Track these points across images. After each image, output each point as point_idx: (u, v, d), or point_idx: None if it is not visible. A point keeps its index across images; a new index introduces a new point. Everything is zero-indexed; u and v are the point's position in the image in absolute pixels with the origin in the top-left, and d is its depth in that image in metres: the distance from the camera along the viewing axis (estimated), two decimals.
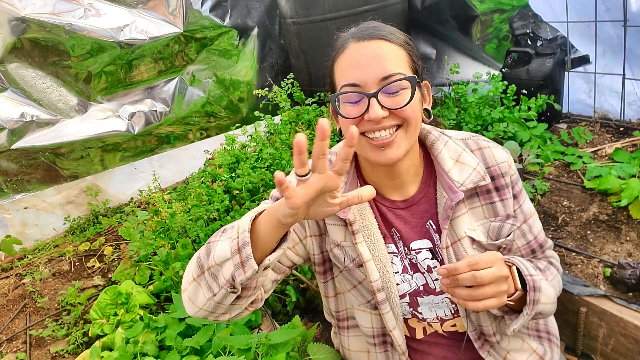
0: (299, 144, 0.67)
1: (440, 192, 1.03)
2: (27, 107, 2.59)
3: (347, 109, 0.94)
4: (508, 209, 1.05)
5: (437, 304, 1.07)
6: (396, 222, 1.07)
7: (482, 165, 1.02)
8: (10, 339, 1.86)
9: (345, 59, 0.95)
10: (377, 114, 0.89)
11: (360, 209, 1.05)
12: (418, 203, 1.06)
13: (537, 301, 0.94)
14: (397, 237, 1.07)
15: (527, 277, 0.94)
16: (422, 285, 1.06)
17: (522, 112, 2.60)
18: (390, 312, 1.05)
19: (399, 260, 1.06)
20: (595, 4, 2.58)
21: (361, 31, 0.95)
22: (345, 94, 0.93)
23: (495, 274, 0.85)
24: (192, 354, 1.35)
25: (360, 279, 1.07)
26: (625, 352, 1.54)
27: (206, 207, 2.06)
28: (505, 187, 1.04)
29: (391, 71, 0.90)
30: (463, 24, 3.11)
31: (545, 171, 2.38)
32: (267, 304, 1.81)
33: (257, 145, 2.50)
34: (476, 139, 1.08)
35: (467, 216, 1.03)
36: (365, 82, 0.91)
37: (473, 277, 0.84)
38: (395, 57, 0.92)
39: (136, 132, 2.93)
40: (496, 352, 1.10)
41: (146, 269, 1.89)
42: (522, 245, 1.12)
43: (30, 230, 2.75)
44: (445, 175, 1.02)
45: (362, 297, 1.09)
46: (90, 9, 2.61)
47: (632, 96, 2.67)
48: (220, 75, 3.25)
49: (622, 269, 1.63)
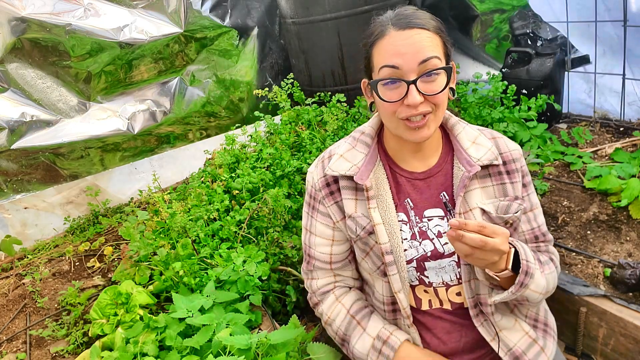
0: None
1: (457, 167, 1.15)
2: (27, 107, 2.59)
3: (387, 94, 1.04)
4: (517, 191, 1.15)
5: (444, 268, 1.16)
6: (412, 192, 1.18)
7: (495, 149, 1.15)
8: (10, 339, 1.86)
9: (385, 45, 1.03)
10: (416, 99, 0.99)
11: (377, 178, 1.17)
12: (435, 175, 1.18)
13: (525, 285, 1.03)
14: (410, 206, 1.17)
15: (523, 261, 1.03)
16: (430, 251, 1.15)
17: (522, 112, 2.60)
18: (397, 275, 1.14)
19: (407, 228, 1.16)
20: (595, 4, 2.58)
21: (400, 19, 1.03)
22: (384, 80, 1.03)
23: (496, 245, 0.93)
24: (192, 354, 1.35)
25: (372, 244, 1.17)
26: (625, 352, 1.54)
27: (206, 207, 2.06)
28: (515, 172, 1.16)
29: (428, 55, 1.00)
30: (463, 24, 3.11)
31: (545, 171, 2.39)
32: (267, 304, 1.81)
33: (257, 145, 2.50)
34: (490, 131, 1.22)
35: (479, 192, 1.13)
36: (404, 67, 1.00)
37: (479, 239, 0.92)
38: (431, 43, 1.01)
39: (136, 132, 2.93)
40: (489, 325, 1.16)
41: (146, 269, 1.89)
42: (527, 230, 1.21)
43: (30, 230, 2.75)
44: (464, 152, 1.14)
45: (373, 264, 1.19)
46: (90, 9, 2.61)
47: (632, 96, 2.67)
48: (220, 75, 3.25)
49: (622, 269, 1.63)
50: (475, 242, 0.92)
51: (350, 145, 1.20)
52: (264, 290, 1.78)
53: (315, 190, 1.23)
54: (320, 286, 1.30)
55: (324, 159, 1.24)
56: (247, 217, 1.98)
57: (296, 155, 2.41)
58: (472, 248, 0.93)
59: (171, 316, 1.49)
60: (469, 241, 0.92)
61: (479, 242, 0.92)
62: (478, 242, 0.92)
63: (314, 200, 1.25)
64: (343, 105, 2.62)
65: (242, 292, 1.64)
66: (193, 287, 1.69)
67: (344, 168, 1.16)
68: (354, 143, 1.21)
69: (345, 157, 1.18)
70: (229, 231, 1.96)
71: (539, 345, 1.16)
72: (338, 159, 1.19)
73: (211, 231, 2.00)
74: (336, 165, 1.18)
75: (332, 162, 1.19)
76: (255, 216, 2.03)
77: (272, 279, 1.84)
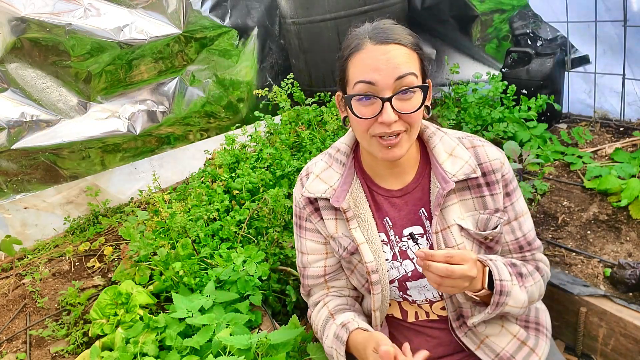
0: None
1: (433, 182, 1.11)
2: (27, 107, 2.59)
3: (361, 110, 1.01)
4: (497, 203, 1.11)
5: (426, 287, 1.15)
6: (390, 210, 1.15)
7: (474, 160, 1.10)
8: (10, 339, 1.86)
9: (362, 59, 1.00)
10: (390, 118, 0.97)
11: (355, 197, 1.14)
12: (412, 192, 1.15)
13: (502, 304, 1.02)
14: (389, 225, 1.15)
15: (496, 282, 1.01)
16: (410, 271, 1.14)
17: (522, 112, 2.60)
18: (380, 294, 1.13)
19: (388, 248, 1.15)
20: (595, 4, 2.58)
21: (378, 33, 1.00)
22: (359, 96, 1.00)
23: (464, 272, 0.92)
24: (192, 354, 1.35)
25: (355, 263, 1.17)
26: (625, 352, 1.54)
27: (206, 207, 2.06)
28: (495, 183, 1.11)
29: (405, 71, 0.97)
30: (463, 24, 3.11)
31: (545, 171, 2.38)
32: (267, 304, 1.81)
33: (257, 145, 2.50)
34: (471, 138, 1.15)
35: (457, 206, 1.10)
36: (380, 83, 0.97)
37: (445, 269, 0.91)
38: (408, 60, 0.99)
39: (136, 132, 2.93)
40: (474, 335, 1.15)
41: (146, 269, 1.89)
42: (511, 240, 1.17)
43: (30, 230, 2.75)
44: (439, 167, 1.10)
45: (358, 282, 1.19)
46: (90, 9, 2.61)
47: (632, 96, 2.67)
48: (220, 75, 3.25)
49: (622, 269, 1.63)
50: (442, 272, 0.91)
51: (327, 164, 1.18)
52: (264, 290, 1.78)
53: (300, 208, 1.22)
54: (315, 300, 1.29)
55: (302, 177, 1.22)
56: (247, 217, 1.98)
57: (296, 155, 2.41)
58: (441, 277, 0.92)
59: (171, 316, 1.49)
60: (435, 270, 0.92)
61: (445, 272, 0.91)
62: (444, 271, 0.91)
63: (300, 219, 1.24)
64: None
65: (242, 292, 1.64)
66: (193, 287, 1.69)
67: (320, 190, 1.14)
68: (330, 161, 1.18)
69: (322, 177, 1.16)
70: (229, 231, 1.96)
71: (528, 347, 1.15)
72: (314, 180, 1.17)
73: (211, 231, 2.00)
74: (312, 187, 1.16)
75: (308, 183, 1.17)
76: (255, 216, 2.03)
77: (272, 279, 1.84)
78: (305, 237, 1.24)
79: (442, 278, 0.93)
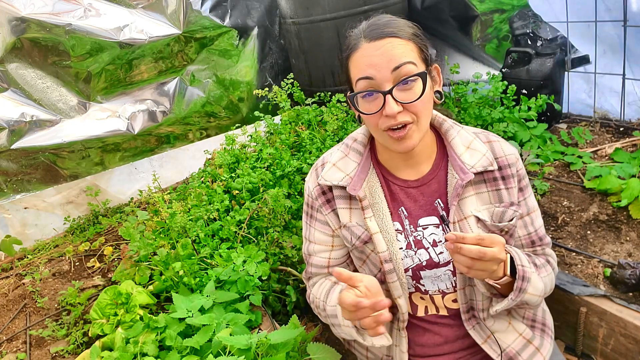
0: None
1: (451, 174, 1.12)
2: (27, 107, 2.59)
3: (366, 106, 1.04)
4: (512, 197, 1.13)
5: (440, 277, 1.16)
6: (406, 200, 1.16)
7: (491, 154, 1.12)
8: (10, 339, 1.86)
9: (358, 58, 1.02)
10: (393, 109, 0.98)
11: (371, 187, 1.16)
12: (429, 183, 1.16)
13: (523, 290, 1.03)
14: (404, 215, 1.16)
15: (519, 267, 1.02)
16: (425, 260, 1.14)
17: (522, 112, 2.60)
18: (397, 281, 1.14)
19: (403, 237, 1.15)
20: (595, 4, 2.58)
21: (372, 30, 1.02)
22: (362, 93, 1.03)
23: (495, 255, 0.93)
24: (192, 354, 1.35)
25: (368, 253, 1.17)
26: (625, 352, 1.54)
27: (206, 207, 2.06)
28: (511, 177, 1.12)
29: (401, 61, 0.99)
30: (463, 24, 3.11)
31: (545, 171, 2.39)
32: (267, 304, 1.81)
33: (257, 145, 2.50)
34: (486, 134, 1.18)
35: (473, 199, 1.12)
36: (378, 77, 0.99)
37: (478, 250, 0.91)
38: (404, 50, 1.00)
39: (136, 132, 2.93)
40: (481, 329, 1.16)
41: (146, 269, 1.89)
42: (523, 235, 1.19)
43: (30, 230, 2.75)
44: (458, 159, 1.11)
45: (370, 272, 1.19)
46: (90, 9, 2.61)
47: (632, 96, 2.67)
48: (220, 75, 3.25)
49: (622, 269, 1.63)
50: (474, 254, 0.91)
51: (343, 154, 1.20)
52: (264, 290, 1.78)
53: (312, 199, 1.23)
54: (315, 280, 1.30)
55: (317, 167, 1.24)
56: (247, 217, 1.98)
57: (296, 155, 2.41)
58: (472, 260, 0.93)
59: (171, 316, 1.49)
60: (467, 252, 0.92)
61: (477, 253, 0.91)
62: (477, 253, 0.91)
63: (312, 209, 1.25)
64: (343, 105, 2.62)
65: (242, 292, 1.64)
66: (193, 287, 1.69)
67: (337, 178, 1.16)
68: (347, 151, 1.20)
69: (338, 166, 1.18)
70: (229, 231, 1.96)
71: (534, 346, 1.17)
72: (331, 168, 1.18)
73: (211, 231, 2.00)
74: (329, 175, 1.17)
75: (324, 172, 1.18)
76: (255, 216, 2.03)
77: (272, 279, 1.84)
78: (314, 226, 1.25)
79: (473, 261, 0.93)
